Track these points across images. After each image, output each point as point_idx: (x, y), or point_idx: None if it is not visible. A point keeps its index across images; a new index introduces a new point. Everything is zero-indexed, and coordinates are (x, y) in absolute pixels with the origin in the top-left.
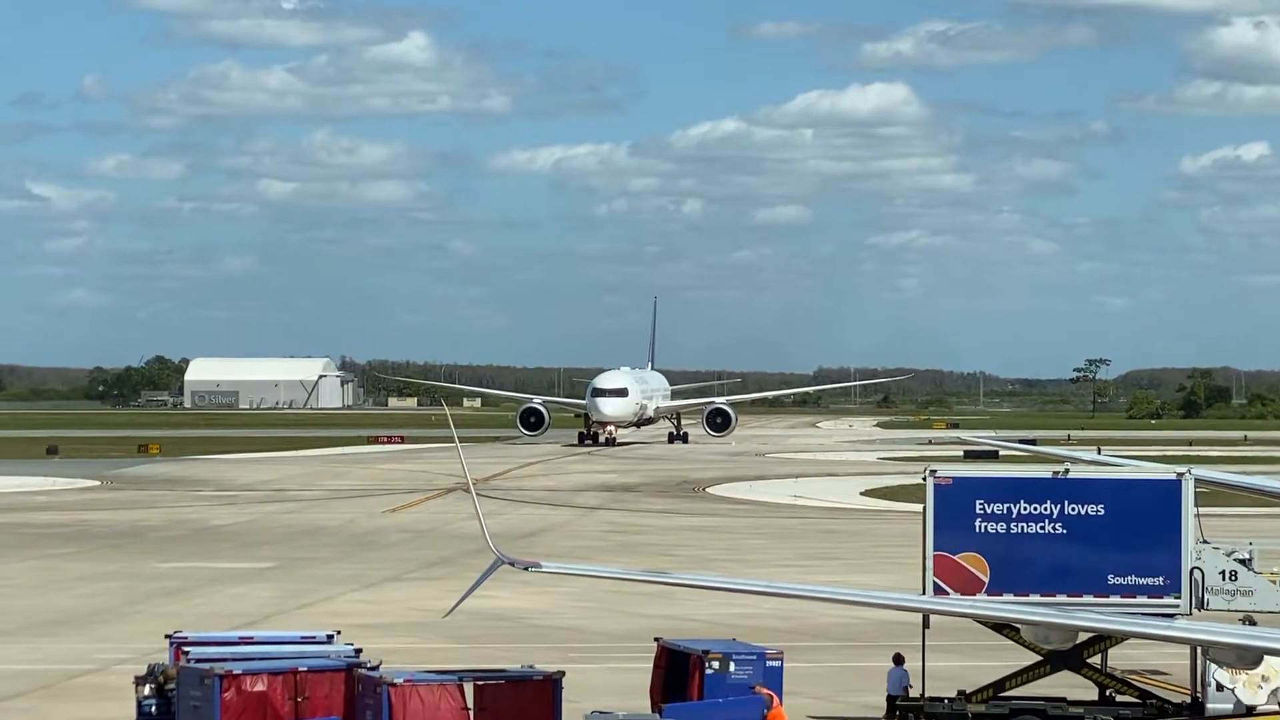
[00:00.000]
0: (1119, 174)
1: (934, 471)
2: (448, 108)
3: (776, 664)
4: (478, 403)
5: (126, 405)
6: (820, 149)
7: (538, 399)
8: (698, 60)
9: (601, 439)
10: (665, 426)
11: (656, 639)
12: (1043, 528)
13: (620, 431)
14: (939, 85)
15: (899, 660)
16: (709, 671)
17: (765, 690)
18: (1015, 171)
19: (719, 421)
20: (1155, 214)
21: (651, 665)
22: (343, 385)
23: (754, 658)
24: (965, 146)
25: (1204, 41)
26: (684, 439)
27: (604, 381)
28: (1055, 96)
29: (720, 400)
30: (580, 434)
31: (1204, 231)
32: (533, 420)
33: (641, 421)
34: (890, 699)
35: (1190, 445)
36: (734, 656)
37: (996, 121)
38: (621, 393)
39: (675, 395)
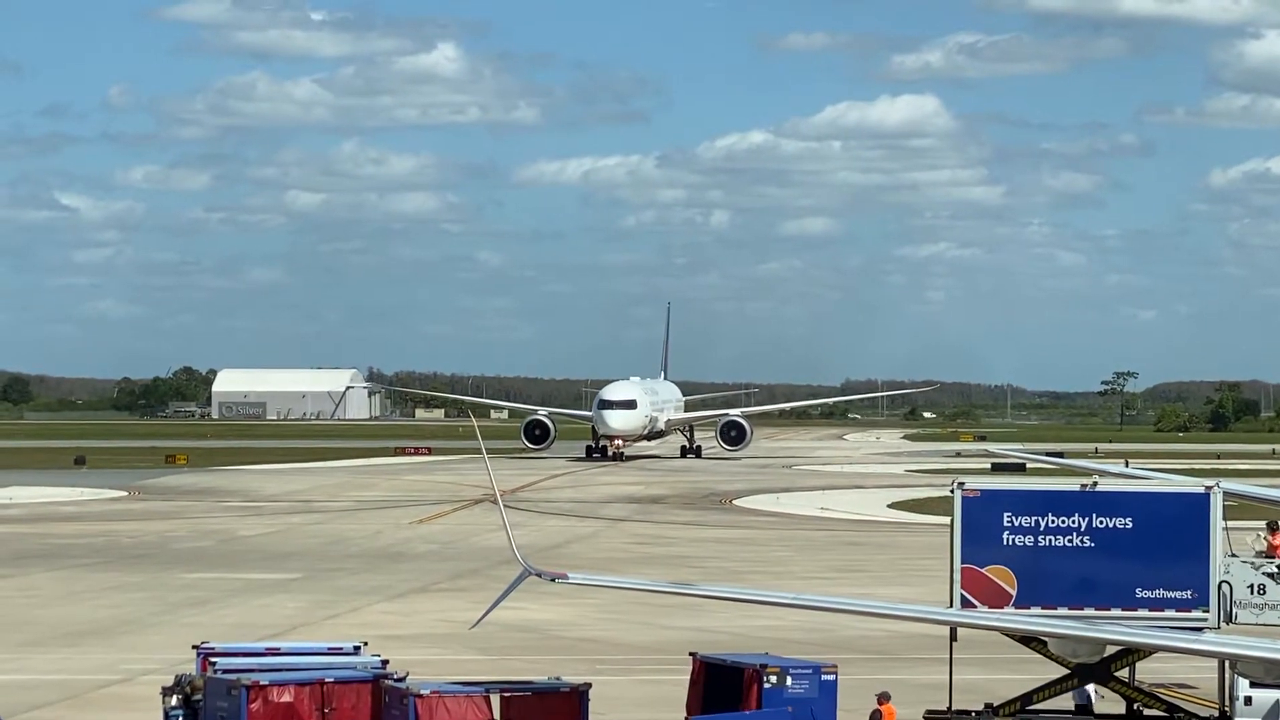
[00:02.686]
0: (1148, 186)
1: (962, 484)
2: (476, 119)
3: (831, 677)
4: (505, 414)
5: (154, 416)
6: (848, 161)
7: (543, 410)
8: (726, 71)
9: (610, 453)
10: (679, 440)
11: (692, 654)
12: (1070, 541)
13: (629, 445)
14: (968, 97)
15: None
16: (767, 685)
17: (882, 705)
18: (1044, 184)
19: (733, 435)
20: (1184, 227)
21: (688, 681)
22: (370, 396)
23: (809, 671)
24: (994, 159)
25: (1234, 53)
26: (697, 453)
27: (611, 393)
28: (1084, 109)
29: (734, 412)
30: (588, 447)
31: (1233, 244)
32: (537, 433)
33: (652, 434)
34: (1078, 707)
35: (1219, 458)
36: (791, 670)
37: (1025, 134)
38: (630, 404)
39: (691, 407)
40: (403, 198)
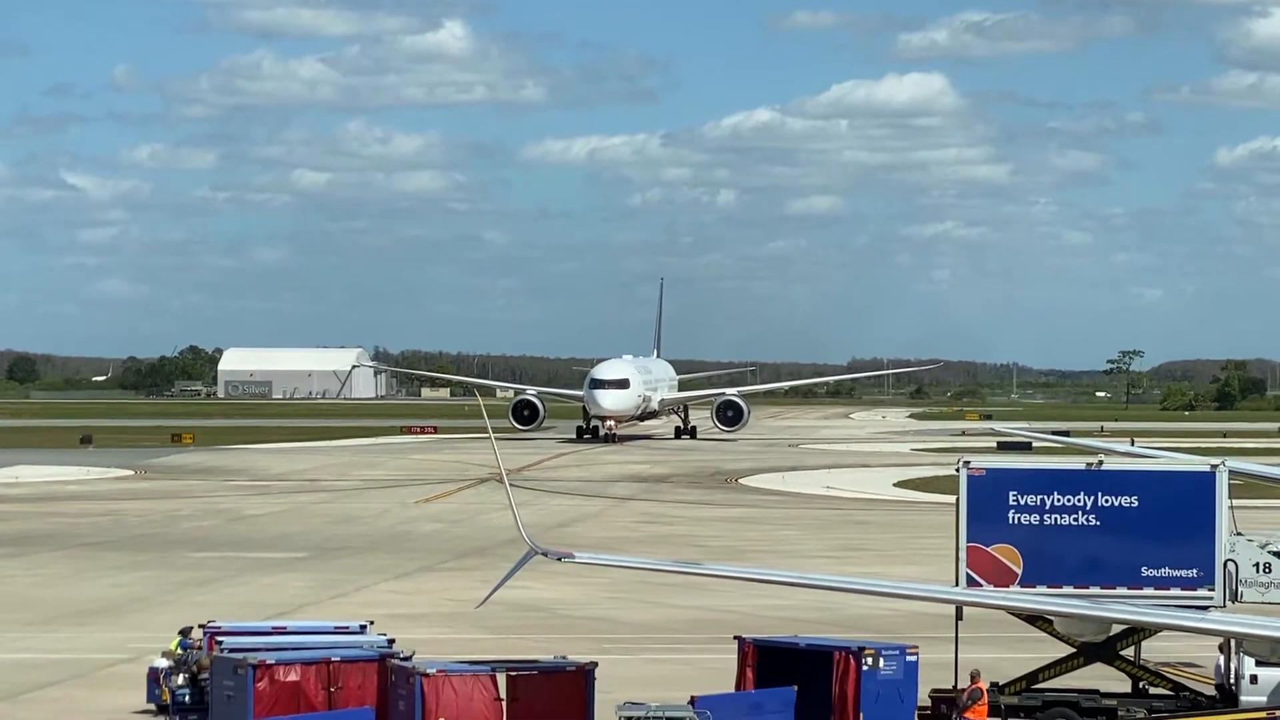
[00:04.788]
0: (1154, 165)
1: (967, 463)
2: (483, 98)
3: (914, 658)
4: (510, 394)
5: (160, 395)
6: (855, 140)
7: (531, 390)
8: (733, 50)
9: (601, 433)
10: (674, 420)
11: (737, 637)
12: (1076, 519)
13: (622, 426)
14: (975, 76)
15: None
16: (865, 667)
17: (978, 683)
18: (1051, 162)
19: (729, 415)
20: (1190, 205)
21: (738, 666)
22: (375, 375)
23: (897, 653)
24: (1001, 137)
25: (1240, 31)
26: (691, 433)
27: (603, 371)
28: (1091, 87)
29: (731, 391)
30: (579, 428)
31: (1239, 223)
32: (526, 414)
33: (645, 415)
34: (1217, 687)
35: (1224, 437)
36: (882, 652)
37: (1032, 112)
38: (622, 384)
39: (692, 385)
40: (409, 177)
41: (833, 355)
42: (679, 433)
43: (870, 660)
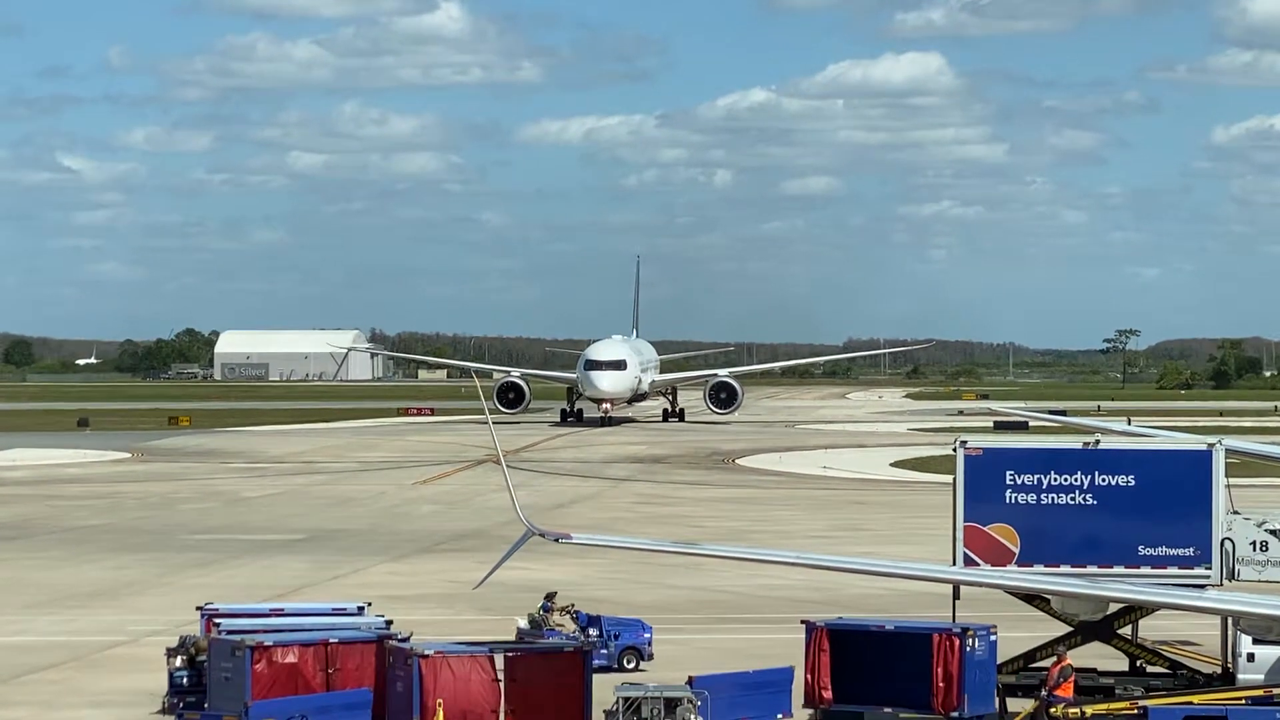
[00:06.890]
0: (1151, 144)
1: (964, 442)
2: (479, 79)
3: (994, 638)
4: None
5: (157, 377)
6: (851, 119)
7: (516, 372)
8: (729, 31)
9: (595, 415)
10: (659, 403)
11: (804, 620)
12: (1073, 499)
13: (617, 408)
14: (972, 55)
15: None
16: (967, 649)
17: (1066, 660)
18: (1047, 142)
19: (723, 397)
20: (1187, 184)
21: (807, 650)
22: (372, 358)
23: (984, 633)
24: (997, 116)
25: (1237, 10)
26: (680, 416)
27: (599, 352)
28: (1088, 66)
29: (723, 372)
30: (563, 411)
31: (1235, 201)
32: (511, 396)
33: (635, 397)
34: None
35: (1221, 416)
36: (978, 633)
37: (1029, 91)
38: (619, 365)
39: (667, 366)
40: (405, 158)
41: (829, 335)
42: (667, 415)
43: (971, 642)
